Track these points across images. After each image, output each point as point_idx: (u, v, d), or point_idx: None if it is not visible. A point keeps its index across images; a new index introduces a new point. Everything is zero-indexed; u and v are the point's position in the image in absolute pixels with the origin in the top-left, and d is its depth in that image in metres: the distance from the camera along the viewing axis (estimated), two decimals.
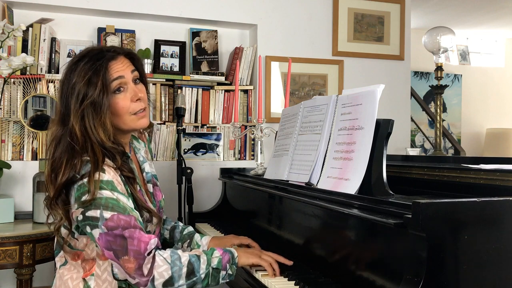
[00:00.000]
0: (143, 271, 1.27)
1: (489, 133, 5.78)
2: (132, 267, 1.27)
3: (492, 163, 1.58)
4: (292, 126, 1.90)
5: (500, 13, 4.98)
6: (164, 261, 1.30)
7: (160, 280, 1.29)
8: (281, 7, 3.08)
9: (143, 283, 1.28)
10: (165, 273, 1.29)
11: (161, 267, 1.29)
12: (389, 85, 3.12)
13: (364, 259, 1.26)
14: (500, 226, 1.07)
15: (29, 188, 2.41)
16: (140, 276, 1.27)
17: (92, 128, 1.34)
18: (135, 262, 1.27)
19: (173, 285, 1.30)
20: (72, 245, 1.41)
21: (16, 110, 2.57)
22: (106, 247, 1.29)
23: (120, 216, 1.28)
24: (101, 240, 1.28)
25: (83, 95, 1.33)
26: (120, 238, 1.27)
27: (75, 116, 1.34)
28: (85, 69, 1.36)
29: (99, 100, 1.34)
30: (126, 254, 1.27)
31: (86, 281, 1.40)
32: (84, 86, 1.34)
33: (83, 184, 1.30)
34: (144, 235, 1.29)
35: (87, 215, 1.29)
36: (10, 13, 2.64)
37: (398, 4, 3.31)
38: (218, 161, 2.93)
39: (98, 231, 1.28)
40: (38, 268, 2.15)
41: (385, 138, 1.38)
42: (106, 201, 1.29)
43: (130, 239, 1.27)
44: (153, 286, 1.29)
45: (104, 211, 1.27)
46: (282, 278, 1.43)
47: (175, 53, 2.95)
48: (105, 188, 1.30)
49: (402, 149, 3.24)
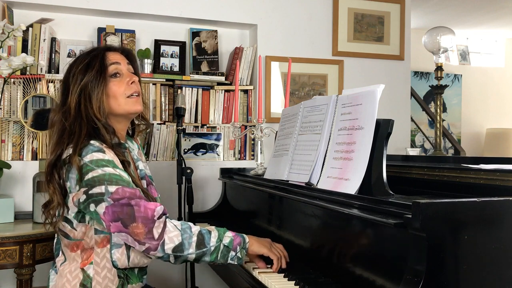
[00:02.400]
0: (153, 234, 1.30)
1: (489, 133, 5.78)
2: (142, 232, 1.30)
3: (492, 163, 1.58)
4: (292, 126, 1.90)
5: (500, 13, 4.98)
6: (175, 228, 1.34)
7: (170, 245, 1.31)
8: (281, 7, 3.08)
9: (153, 247, 1.30)
10: (176, 238, 1.32)
11: (171, 232, 1.32)
12: (389, 85, 3.12)
13: (364, 259, 1.26)
14: (500, 226, 1.07)
15: (29, 188, 2.41)
16: (150, 240, 1.30)
17: (87, 106, 1.42)
18: (144, 227, 1.30)
19: (182, 252, 1.33)
20: (71, 236, 1.43)
21: (16, 110, 2.57)
22: (113, 219, 1.31)
23: (125, 188, 1.33)
24: (107, 214, 1.32)
25: (82, 77, 1.43)
26: (127, 207, 1.31)
27: (73, 96, 1.42)
28: (84, 58, 1.48)
29: (96, 81, 1.43)
30: (134, 221, 1.30)
31: (84, 271, 1.43)
32: (82, 69, 1.44)
33: (85, 164, 1.35)
34: (150, 203, 1.34)
35: (91, 192, 1.33)
36: (10, 13, 2.64)
37: (398, 4, 3.31)
38: (218, 161, 2.93)
39: (104, 205, 1.32)
40: (38, 268, 2.15)
41: (385, 138, 1.38)
42: (109, 176, 1.34)
43: (137, 207, 1.31)
44: (163, 250, 1.31)
45: (108, 185, 1.32)
46: (282, 278, 1.43)
47: (175, 53, 2.95)
48: (107, 165, 1.36)
49: (402, 149, 3.24)
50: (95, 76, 1.44)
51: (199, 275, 2.65)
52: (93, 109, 1.43)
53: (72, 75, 1.46)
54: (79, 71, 1.45)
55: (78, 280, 1.43)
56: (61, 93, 1.51)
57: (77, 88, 1.43)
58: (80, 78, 1.44)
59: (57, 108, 1.50)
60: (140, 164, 1.64)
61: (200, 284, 2.69)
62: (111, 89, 1.47)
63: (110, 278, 1.44)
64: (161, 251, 1.32)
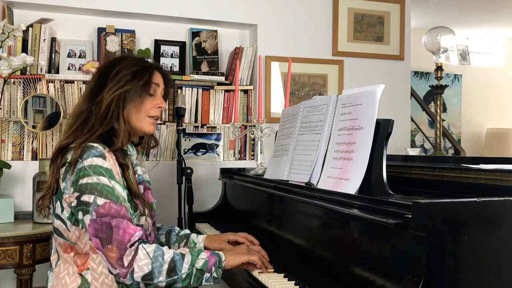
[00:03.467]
0: (124, 262, 1.29)
1: (489, 133, 5.78)
2: (114, 257, 1.29)
3: (492, 163, 1.58)
4: (292, 126, 1.90)
5: (500, 13, 4.98)
6: (146, 255, 1.31)
7: (139, 273, 1.30)
8: (281, 7, 3.08)
9: (122, 274, 1.30)
10: (145, 267, 1.30)
11: (142, 260, 1.30)
12: (389, 85, 3.12)
13: (364, 259, 1.26)
14: (500, 226, 1.07)
15: (29, 188, 2.41)
16: (120, 267, 1.29)
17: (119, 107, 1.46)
18: (117, 252, 1.29)
19: (152, 280, 1.31)
20: (65, 236, 1.44)
21: (16, 110, 2.57)
22: (94, 235, 1.31)
23: (111, 204, 1.33)
24: (91, 227, 1.32)
25: (126, 81, 1.47)
26: (106, 226, 1.30)
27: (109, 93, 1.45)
28: (134, 63, 1.52)
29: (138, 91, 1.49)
30: (110, 243, 1.29)
31: (83, 276, 1.43)
32: (130, 74, 1.48)
33: (83, 167, 1.35)
34: (130, 226, 1.32)
35: (81, 199, 1.34)
36: (10, 13, 2.64)
37: (398, 4, 3.31)
38: (218, 161, 2.93)
39: (89, 217, 1.32)
40: (38, 268, 2.15)
41: (385, 138, 1.38)
42: (102, 187, 1.34)
43: (116, 229, 1.30)
44: (132, 278, 1.30)
45: (98, 197, 1.32)
46: (282, 278, 1.43)
47: (175, 53, 2.95)
48: (104, 175, 1.36)
49: (402, 149, 3.24)
50: (140, 87, 1.49)
51: None
52: (123, 114, 1.47)
53: (116, 73, 1.48)
54: (126, 74, 1.48)
55: (76, 284, 1.43)
56: (94, 82, 1.52)
57: (117, 88, 1.46)
58: (124, 80, 1.47)
59: (87, 95, 1.50)
60: (138, 169, 1.65)
61: None
62: (142, 104, 1.52)
63: (108, 284, 1.43)
64: (130, 278, 1.30)
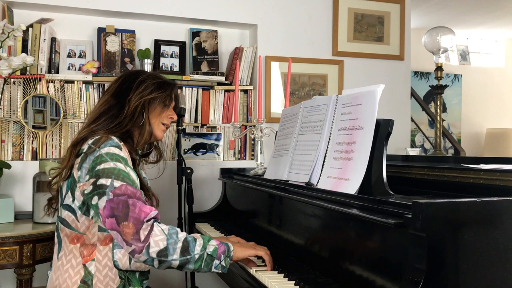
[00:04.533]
0: (140, 236, 1.32)
1: (489, 133, 5.78)
2: (130, 232, 1.32)
3: (492, 163, 1.58)
4: (292, 126, 1.91)
5: (500, 13, 4.98)
6: (162, 232, 1.35)
7: (155, 248, 1.33)
8: (281, 7, 3.08)
9: (138, 249, 1.32)
10: (161, 242, 1.34)
11: (157, 236, 1.34)
12: (389, 85, 3.12)
13: (364, 259, 1.26)
14: (500, 226, 1.07)
15: (29, 188, 2.41)
16: (136, 241, 1.32)
17: (143, 112, 1.60)
18: (134, 227, 1.32)
19: (166, 257, 1.34)
20: (73, 226, 1.48)
21: (16, 110, 2.57)
22: (109, 215, 1.35)
23: (128, 186, 1.39)
24: (106, 209, 1.36)
25: (152, 90, 1.62)
26: (123, 204, 1.35)
27: (138, 98, 1.59)
28: (157, 77, 1.69)
29: (161, 100, 1.66)
30: (126, 220, 1.33)
31: (86, 267, 1.46)
32: (154, 85, 1.64)
33: (100, 155, 1.43)
34: (145, 206, 1.37)
35: (98, 183, 1.39)
36: (10, 13, 2.64)
37: (398, 4, 3.31)
38: (218, 161, 2.93)
39: (104, 199, 1.37)
40: (38, 268, 2.15)
41: (385, 138, 1.38)
42: (118, 171, 1.41)
43: (132, 207, 1.35)
44: (148, 253, 1.33)
45: (115, 180, 1.38)
46: (282, 278, 1.43)
47: (175, 53, 2.95)
48: (121, 161, 1.44)
49: (402, 149, 3.24)
50: (164, 98, 1.67)
51: (199, 275, 2.65)
52: (148, 118, 1.62)
53: (142, 80, 1.63)
54: (152, 84, 1.64)
55: (79, 276, 1.46)
56: (120, 83, 1.65)
57: (146, 93, 1.61)
58: (151, 89, 1.62)
59: (114, 93, 1.62)
60: (142, 173, 1.73)
61: (200, 284, 2.69)
62: (161, 112, 1.69)
63: (111, 277, 1.47)
64: (146, 254, 1.33)
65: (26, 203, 2.49)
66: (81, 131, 1.57)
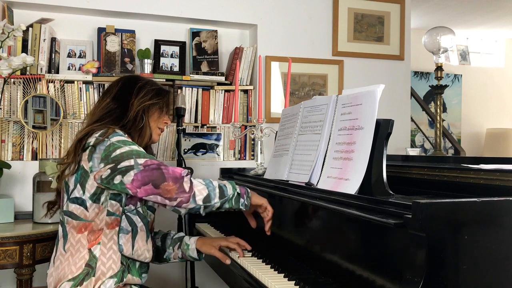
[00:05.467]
0: (185, 187, 1.48)
1: (489, 133, 5.78)
2: (173, 189, 1.46)
3: (492, 163, 1.58)
4: (292, 126, 1.91)
5: (500, 13, 4.98)
6: (200, 182, 1.53)
7: (200, 196, 1.50)
8: (281, 7, 3.08)
9: (185, 199, 1.48)
10: (203, 191, 1.51)
11: (199, 185, 1.51)
12: (389, 85, 3.12)
13: (364, 259, 1.26)
14: (500, 226, 1.07)
15: (29, 188, 2.41)
16: (182, 193, 1.47)
17: (144, 117, 1.69)
18: (175, 184, 1.47)
19: (210, 201, 1.52)
20: (81, 217, 1.56)
21: (16, 110, 2.57)
22: (143, 183, 1.46)
23: (152, 160, 1.50)
24: (136, 180, 1.46)
25: (152, 96, 1.71)
26: (157, 170, 1.47)
27: (140, 102, 1.68)
28: (155, 83, 1.79)
29: (161, 106, 1.76)
30: (165, 180, 1.46)
31: (91, 251, 1.55)
32: (154, 91, 1.73)
33: (112, 143, 1.51)
34: (176, 167, 1.52)
35: (119, 167, 1.48)
36: (10, 13, 2.64)
37: (398, 4, 3.31)
38: (218, 161, 2.93)
39: (132, 172, 1.46)
40: (38, 268, 2.15)
41: (385, 138, 1.38)
42: (137, 151, 1.51)
43: (166, 170, 1.48)
44: (195, 201, 1.49)
45: (137, 158, 1.49)
46: (282, 278, 1.43)
47: (175, 53, 2.95)
48: (134, 144, 1.56)
49: (402, 149, 3.24)
50: (163, 104, 1.77)
51: (199, 275, 2.65)
52: (148, 122, 1.71)
53: (142, 85, 1.72)
54: (152, 90, 1.73)
55: (84, 261, 1.54)
56: (119, 86, 1.72)
57: (147, 99, 1.70)
58: (151, 94, 1.71)
59: (115, 96, 1.69)
60: None
61: (200, 284, 2.69)
62: (159, 117, 1.78)
63: (114, 260, 1.56)
64: (193, 202, 1.49)
65: (26, 203, 2.49)
66: (84, 129, 1.62)
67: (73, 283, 1.52)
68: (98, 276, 1.53)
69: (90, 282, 1.52)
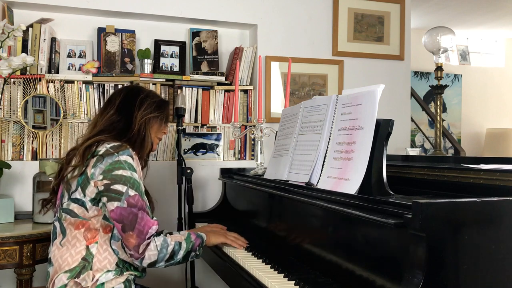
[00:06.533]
0: (139, 249, 1.55)
1: (489, 133, 5.78)
2: (132, 243, 1.54)
3: (492, 163, 1.58)
4: (292, 126, 1.91)
5: (500, 13, 4.98)
6: (155, 248, 1.58)
7: (147, 261, 1.57)
8: (281, 7, 3.08)
9: (135, 256, 1.56)
10: (153, 257, 1.57)
11: (152, 251, 1.57)
12: (389, 85, 3.12)
13: (364, 259, 1.26)
14: (500, 226, 1.07)
15: (29, 188, 2.41)
16: (135, 252, 1.55)
17: (147, 129, 1.78)
18: (136, 239, 1.54)
19: (154, 265, 1.60)
20: (79, 215, 1.61)
21: (16, 110, 2.57)
22: (118, 219, 1.55)
23: (139, 197, 1.57)
24: (115, 213, 1.54)
25: (153, 108, 1.79)
26: (133, 216, 1.54)
27: (143, 115, 1.76)
28: (156, 96, 1.88)
29: (162, 118, 1.85)
30: (132, 230, 1.54)
31: (89, 248, 1.61)
32: (154, 104, 1.81)
33: (119, 161, 1.58)
34: (150, 220, 1.58)
35: (112, 188, 1.55)
36: (10, 13, 2.64)
37: (398, 4, 3.31)
38: (218, 161, 2.93)
39: (115, 204, 1.54)
40: (38, 268, 2.15)
41: (385, 138, 1.38)
42: (133, 181, 1.58)
43: (140, 220, 1.55)
44: (141, 262, 1.57)
45: (130, 189, 1.56)
46: (282, 278, 1.43)
47: (175, 53, 2.95)
48: (136, 172, 1.62)
49: (402, 149, 3.24)
50: (164, 116, 1.86)
51: (199, 275, 2.65)
52: (149, 132, 1.79)
53: (144, 98, 1.79)
54: (153, 102, 1.81)
55: (81, 255, 1.60)
56: (121, 98, 1.79)
57: (149, 111, 1.78)
58: (153, 107, 1.79)
59: (118, 108, 1.76)
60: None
61: (200, 284, 2.69)
62: (159, 128, 1.87)
63: (109, 260, 1.61)
64: (140, 262, 1.57)
65: (26, 203, 2.49)
66: (90, 139, 1.67)
67: (69, 275, 1.57)
68: (96, 270, 1.58)
69: (87, 275, 1.57)
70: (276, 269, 1.51)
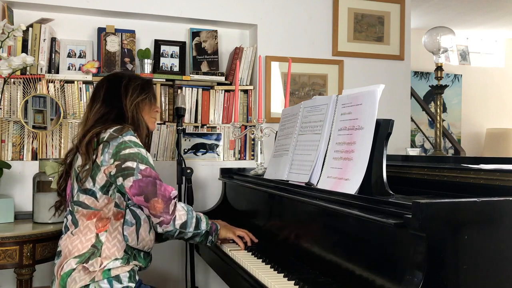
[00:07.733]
0: (169, 209, 1.61)
1: (489, 133, 5.78)
2: (160, 207, 1.59)
3: (492, 163, 1.58)
4: (292, 126, 1.91)
5: (500, 13, 4.98)
6: (183, 208, 1.66)
7: (179, 221, 1.63)
8: (281, 7, 3.08)
9: (166, 220, 1.61)
10: (183, 216, 1.65)
11: (180, 211, 1.65)
12: (389, 85, 3.12)
13: (364, 259, 1.26)
14: (500, 226, 1.07)
15: (29, 188, 2.41)
16: (166, 214, 1.60)
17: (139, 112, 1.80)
18: (163, 202, 1.59)
19: (185, 229, 1.65)
20: (91, 206, 1.66)
21: (16, 110, 2.57)
22: (138, 193, 1.58)
23: (150, 169, 1.63)
24: (134, 187, 1.58)
25: (139, 92, 1.81)
26: (151, 184, 1.59)
27: (131, 101, 1.78)
28: (137, 78, 1.88)
29: (150, 99, 1.87)
30: (155, 196, 1.59)
31: (98, 236, 1.65)
32: (139, 87, 1.82)
33: (124, 141, 1.63)
34: (168, 186, 1.64)
35: (123, 166, 1.60)
36: (10, 13, 2.64)
37: (398, 4, 3.31)
38: (218, 161, 2.93)
39: (132, 179, 1.59)
40: (38, 268, 2.15)
41: (385, 138, 1.38)
42: (142, 156, 1.63)
43: (159, 186, 1.61)
44: (174, 225, 1.62)
45: (140, 163, 1.61)
46: (282, 277, 1.43)
47: (175, 53, 2.95)
48: (142, 148, 1.67)
49: (402, 149, 3.24)
50: (151, 96, 1.88)
51: (199, 275, 2.66)
52: (142, 116, 1.82)
53: (126, 84, 1.80)
54: (136, 86, 1.82)
55: (90, 242, 1.65)
56: (105, 89, 1.80)
57: (136, 96, 1.79)
58: (138, 91, 1.81)
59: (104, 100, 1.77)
60: None
61: (200, 284, 2.69)
62: (150, 108, 1.89)
63: (118, 248, 1.65)
64: (172, 225, 1.62)
65: (26, 203, 2.49)
66: (85, 134, 1.70)
67: (78, 260, 1.62)
68: (104, 257, 1.62)
69: (96, 261, 1.61)
70: (276, 269, 1.51)
